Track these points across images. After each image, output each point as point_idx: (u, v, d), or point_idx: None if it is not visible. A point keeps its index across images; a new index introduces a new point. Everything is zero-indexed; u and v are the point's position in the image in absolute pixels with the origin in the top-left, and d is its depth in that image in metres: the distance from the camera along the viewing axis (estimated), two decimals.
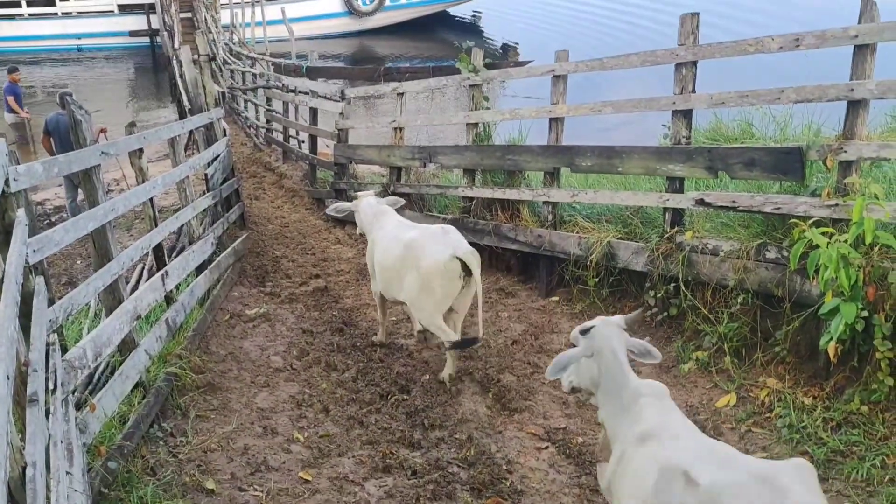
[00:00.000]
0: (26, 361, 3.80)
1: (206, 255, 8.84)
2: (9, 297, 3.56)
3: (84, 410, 5.09)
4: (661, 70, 7.38)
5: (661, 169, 7.10)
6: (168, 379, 6.51)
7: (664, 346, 6.94)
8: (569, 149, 8.09)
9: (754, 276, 6.33)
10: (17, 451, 3.03)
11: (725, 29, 19.36)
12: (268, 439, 6.06)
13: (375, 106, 19.62)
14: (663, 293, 7.02)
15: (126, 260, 6.31)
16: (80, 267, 10.94)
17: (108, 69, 29.28)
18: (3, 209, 4.60)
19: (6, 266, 3.93)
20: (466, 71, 9.50)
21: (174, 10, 26.78)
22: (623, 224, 7.70)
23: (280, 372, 7.20)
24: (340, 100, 12.59)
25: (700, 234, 6.88)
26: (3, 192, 4.54)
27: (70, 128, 6.39)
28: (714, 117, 8.63)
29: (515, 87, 19.93)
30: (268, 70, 18.58)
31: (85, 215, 5.74)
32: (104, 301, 6.35)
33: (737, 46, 6.46)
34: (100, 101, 21.52)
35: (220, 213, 10.38)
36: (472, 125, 9.52)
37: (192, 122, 10.43)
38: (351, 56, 29.25)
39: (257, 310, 8.55)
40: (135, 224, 12.10)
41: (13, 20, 29.19)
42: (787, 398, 5.80)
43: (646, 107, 7.39)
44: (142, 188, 7.12)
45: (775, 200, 6.22)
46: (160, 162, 15.23)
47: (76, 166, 5.80)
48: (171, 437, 5.97)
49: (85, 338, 5.36)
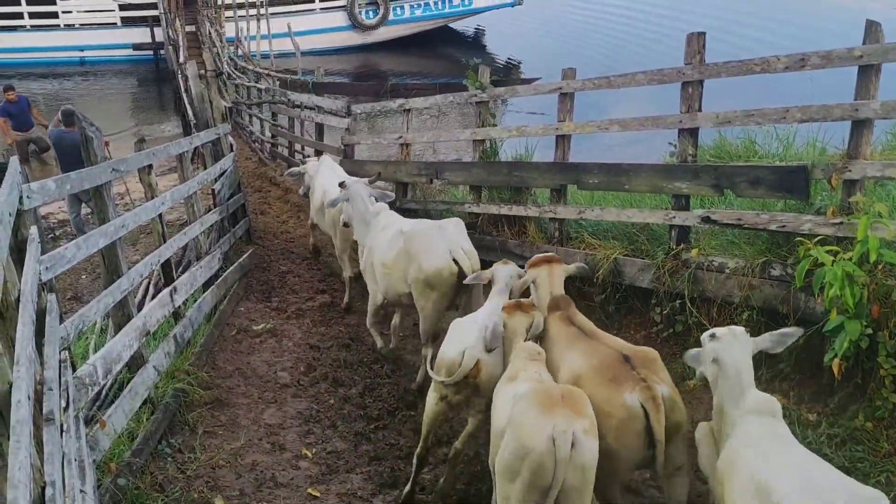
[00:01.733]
0: (41, 380, 3.83)
1: (214, 271, 8.88)
2: (26, 315, 3.59)
3: (94, 427, 5.12)
4: (667, 87, 7.43)
5: (668, 186, 7.14)
6: (176, 395, 6.55)
7: (670, 363, 6.95)
8: (575, 166, 8.14)
9: (759, 294, 6.35)
10: (38, 471, 3.06)
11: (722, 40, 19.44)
12: (276, 455, 6.09)
13: (381, 122, 19.70)
14: (669, 310, 7.04)
15: (135, 276, 6.36)
16: (85, 282, 10.99)
17: (111, 82, 29.37)
18: (16, 227, 4.64)
19: (21, 285, 3.97)
20: (473, 88, 9.56)
21: (178, 23, 26.90)
22: (629, 241, 7.73)
23: (287, 388, 7.24)
24: (346, 115, 12.65)
25: (706, 251, 6.91)
26: (18, 210, 4.58)
27: (81, 144, 6.44)
28: (718, 135, 8.67)
29: (521, 103, 20.00)
30: (273, 85, 18.66)
31: (96, 232, 5.78)
32: (113, 317, 6.39)
33: (743, 66, 6.51)
34: (102, 115, 21.57)
35: (226, 228, 10.44)
36: (479, 142, 9.57)
37: (200, 138, 10.49)
38: (356, 71, 29.36)
39: (264, 325, 8.59)
40: (140, 239, 12.15)
41: (15, 31, 29.27)
42: (791, 414, 5.81)
43: (652, 125, 7.44)
44: (151, 204, 7.18)
45: (780, 218, 6.25)
46: (164, 176, 15.28)
47: (88, 183, 5.85)
48: (180, 453, 6.00)
49: (95, 355, 5.39)
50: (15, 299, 3.84)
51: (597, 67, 20.38)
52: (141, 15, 29.64)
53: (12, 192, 4.32)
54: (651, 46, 26.40)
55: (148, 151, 7.59)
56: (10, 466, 2.48)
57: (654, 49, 25.18)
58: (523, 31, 33.11)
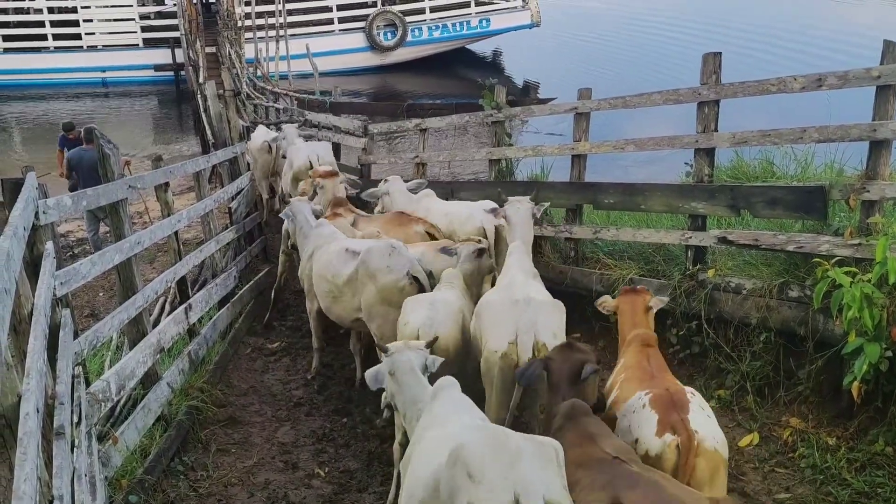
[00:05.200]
0: (53, 394, 3.83)
1: (229, 289, 8.90)
2: (38, 329, 3.60)
3: (106, 443, 5.12)
4: (683, 107, 7.41)
5: (684, 206, 7.11)
6: (189, 412, 6.55)
7: (686, 384, 6.89)
8: (591, 185, 8.12)
9: (777, 315, 6.30)
10: (45, 485, 3.05)
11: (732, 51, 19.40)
12: (289, 474, 6.07)
13: (398, 142, 19.76)
14: (685, 331, 6.99)
15: (150, 293, 6.37)
16: (102, 299, 11.03)
17: (132, 103, 29.65)
18: (32, 242, 4.66)
19: (35, 299, 3.98)
20: (489, 107, 9.58)
21: (199, 45, 27.15)
22: (645, 261, 7.70)
23: (301, 406, 7.22)
24: (363, 135, 12.69)
25: (722, 271, 6.87)
26: (34, 225, 4.60)
27: (98, 161, 6.49)
28: (735, 155, 8.64)
29: (537, 123, 20.02)
30: (291, 105, 18.77)
31: (111, 248, 5.81)
32: (128, 333, 6.40)
33: (759, 86, 6.49)
34: (123, 134, 21.77)
35: (242, 246, 10.47)
36: (495, 161, 9.57)
37: (217, 157, 10.55)
38: (373, 92, 29.50)
39: (279, 343, 8.58)
40: (157, 257, 12.20)
41: (39, 53, 29.63)
42: (810, 438, 5.75)
43: (668, 145, 7.42)
44: (167, 221, 7.20)
45: (798, 239, 6.20)
46: (182, 195, 15.36)
47: (104, 199, 5.89)
48: (192, 470, 5.99)
49: (109, 370, 5.40)
50: (28, 313, 3.85)
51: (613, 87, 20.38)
52: (162, 36, 29.93)
53: (28, 207, 4.34)
54: (667, 66, 26.39)
55: (165, 169, 7.63)
56: (16, 478, 2.47)
57: (669, 69, 25.16)
58: (540, 53, 33.19)
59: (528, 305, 5.43)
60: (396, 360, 4.63)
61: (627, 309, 5.49)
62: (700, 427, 4.13)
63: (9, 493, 2.56)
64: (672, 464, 4.06)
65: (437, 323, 5.72)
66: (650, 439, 4.18)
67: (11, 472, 2.68)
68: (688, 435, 4.06)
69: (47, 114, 27.64)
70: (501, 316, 5.45)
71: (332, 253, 7.05)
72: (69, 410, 3.78)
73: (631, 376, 4.89)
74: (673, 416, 4.17)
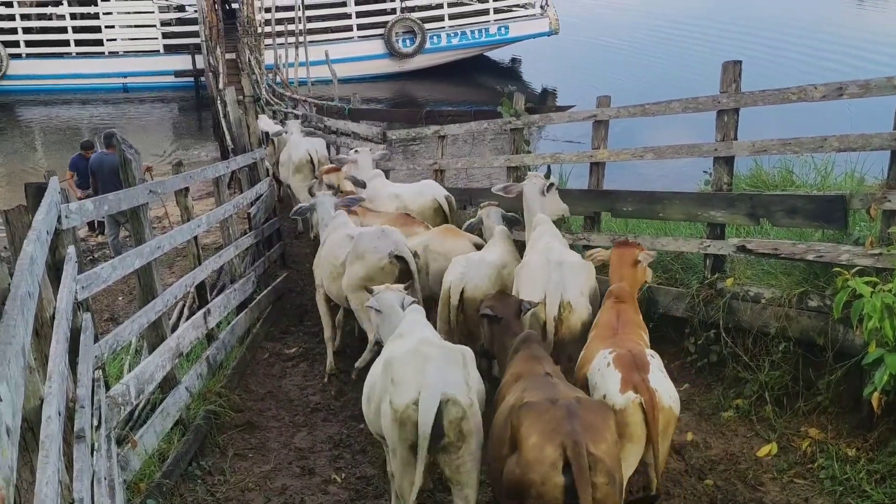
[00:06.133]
0: (73, 398, 3.86)
1: (248, 294, 8.94)
2: (60, 333, 3.63)
3: (125, 447, 5.15)
4: (702, 115, 7.40)
5: (703, 215, 7.09)
6: (207, 417, 6.58)
7: (704, 394, 6.88)
8: (610, 193, 8.11)
9: (796, 325, 6.26)
10: (66, 489, 3.08)
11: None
12: (305, 480, 6.08)
13: (416, 148, 19.80)
14: (703, 340, 6.96)
15: (170, 297, 6.42)
16: (121, 304, 11.10)
17: (152, 108, 29.85)
18: (54, 245, 4.71)
19: (57, 303, 4.02)
20: (508, 115, 9.59)
21: (219, 51, 27.30)
22: (663, 269, 7.67)
23: (318, 412, 7.24)
24: (382, 142, 12.72)
25: (741, 280, 6.83)
26: (56, 230, 4.65)
27: (119, 166, 6.54)
28: (755, 163, 8.60)
29: (555, 131, 20.01)
30: (310, 111, 18.84)
31: (132, 253, 5.85)
32: (147, 338, 6.45)
33: (779, 94, 6.46)
34: (143, 139, 21.91)
35: (261, 251, 10.52)
36: (513, 168, 9.58)
37: (237, 162, 10.61)
38: (392, 98, 29.55)
39: (296, 349, 8.61)
40: (176, 261, 12.27)
41: (61, 58, 29.87)
42: (829, 449, 5.71)
43: (687, 153, 7.40)
44: (187, 226, 7.25)
45: (818, 248, 6.16)
46: (201, 200, 15.45)
47: (125, 204, 5.93)
48: (210, 475, 6.02)
49: (128, 374, 5.44)
50: (50, 317, 3.89)
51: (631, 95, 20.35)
52: (183, 43, 30.11)
53: (50, 212, 4.39)
54: (686, 74, 26.32)
55: (185, 174, 7.68)
56: (38, 481, 2.49)
57: (688, 77, 25.10)
58: (558, 60, 33.16)
59: (559, 266, 6.03)
60: (381, 298, 5.60)
61: (615, 261, 5.89)
62: (658, 386, 4.62)
63: (30, 495, 2.59)
64: (636, 419, 4.53)
65: (467, 279, 6.51)
66: (615, 395, 4.61)
67: (33, 474, 2.70)
68: (650, 394, 4.54)
69: (69, 119, 27.87)
70: (535, 276, 6.07)
71: (336, 238, 7.61)
72: (89, 414, 3.81)
73: (597, 334, 5.38)
74: (634, 375, 4.64)
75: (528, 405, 4.15)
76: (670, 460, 5.97)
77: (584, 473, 3.81)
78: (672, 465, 5.98)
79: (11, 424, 2.04)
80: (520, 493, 3.99)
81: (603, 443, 3.97)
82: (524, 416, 4.10)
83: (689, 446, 6.19)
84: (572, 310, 5.96)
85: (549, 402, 4.15)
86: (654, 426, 4.51)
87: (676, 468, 5.95)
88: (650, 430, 4.52)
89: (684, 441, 6.24)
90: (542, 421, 4.03)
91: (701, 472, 5.90)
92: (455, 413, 4.45)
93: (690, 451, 6.14)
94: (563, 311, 5.90)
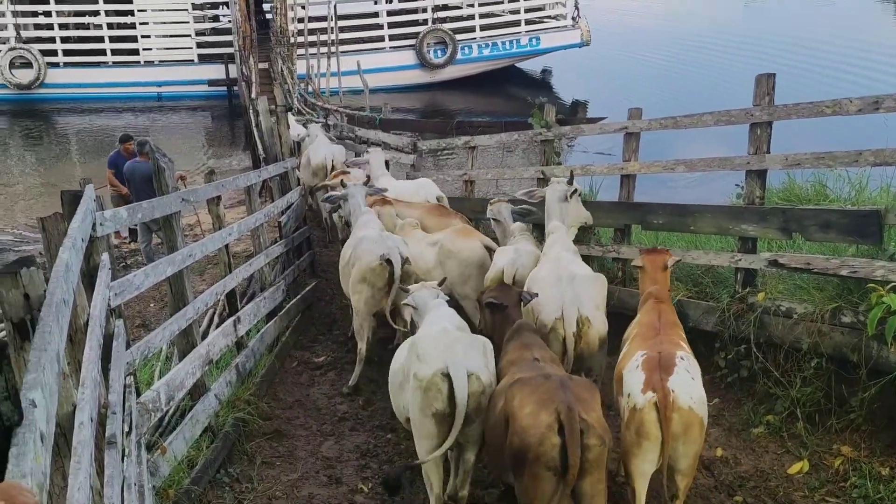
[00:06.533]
0: (105, 403, 3.90)
1: (277, 302, 8.98)
2: (93, 339, 3.67)
3: (155, 453, 5.19)
4: (733, 126, 7.35)
5: (734, 229, 7.04)
6: (236, 424, 6.61)
7: (734, 409, 6.82)
8: (640, 206, 8.08)
9: (829, 340, 6.18)
10: (97, 494, 3.11)
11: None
12: (332, 489, 6.09)
13: (446, 159, 19.84)
14: (734, 354, 6.90)
15: (201, 305, 6.47)
16: (153, 310, 11.19)
17: (185, 117, 30.13)
18: (88, 252, 4.76)
19: (91, 309, 4.06)
20: (538, 126, 9.59)
21: (252, 61, 27.51)
22: (693, 283, 7.62)
23: (345, 420, 7.25)
24: (412, 152, 12.77)
25: (773, 295, 6.77)
26: (90, 237, 4.70)
27: (153, 174, 6.62)
28: (787, 177, 8.54)
29: (586, 142, 19.96)
30: (341, 121, 18.95)
31: (164, 260, 5.90)
32: (178, 345, 6.50)
33: (814, 108, 6.41)
34: (176, 148, 22.13)
35: (291, 260, 10.57)
36: (543, 180, 9.56)
37: (269, 171, 10.68)
38: (423, 109, 29.62)
39: (324, 357, 8.64)
40: (207, 269, 12.35)
41: (98, 67, 30.26)
42: (862, 467, 5.63)
43: (719, 166, 7.36)
44: (218, 235, 7.30)
45: (852, 264, 6.09)
46: (232, 208, 15.56)
47: (158, 212, 6.00)
48: (237, 482, 6.04)
49: (159, 381, 5.49)
50: (84, 323, 3.93)
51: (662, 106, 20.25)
52: (217, 52, 30.39)
53: (86, 219, 4.44)
54: (718, 86, 26.16)
55: (217, 183, 7.75)
56: (70, 487, 2.52)
57: (721, 88, 24.95)
58: (589, 71, 33.07)
59: (571, 281, 6.18)
60: (417, 296, 6.13)
61: (648, 266, 6.15)
62: (677, 387, 4.74)
63: (62, 500, 2.61)
64: (651, 417, 4.72)
65: (518, 264, 7.08)
66: (637, 395, 4.84)
67: (65, 479, 2.73)
68: (664, 394, 4.69)
69: (105, 127, 28.20)
70: (549, 291, 6.17)
71: (350, 240, 8.19)
72: (121, 420, 3.85)
73: (638, 334, 5.56)
74: (655, 376, 4.82)
75: (520, 381, 4.68)
76: (699, 476, 5.92)
77: (575, 435, 4.21)
78: (701, 481, 5.92)
79: (45, 430, 2.07)
80: (521, 459, 4.38)
81: (593, 412, 4.42)
82: (517, 391, 4.59)
83: (718, 462, 6.14)
84: (590, 325, 6.10)
85: (543, 377, 4.65)
86: (667, 425, 4.64)
87: (706, 484, 5.90)
88: (664, 430, 4.66)
89: (714, 457, 6.19)
90: (537, 392, 4.49)
91: (730, 488, 5.84)
92: (477, 386, 4.97)
93: (720, 466, 6.09)
94: (582, 327, 6.04)
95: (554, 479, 4.29)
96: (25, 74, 29.02)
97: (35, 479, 1.86)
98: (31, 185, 21.60)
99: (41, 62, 29.06)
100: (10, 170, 23.45)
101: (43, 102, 29.64)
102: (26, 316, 2.76)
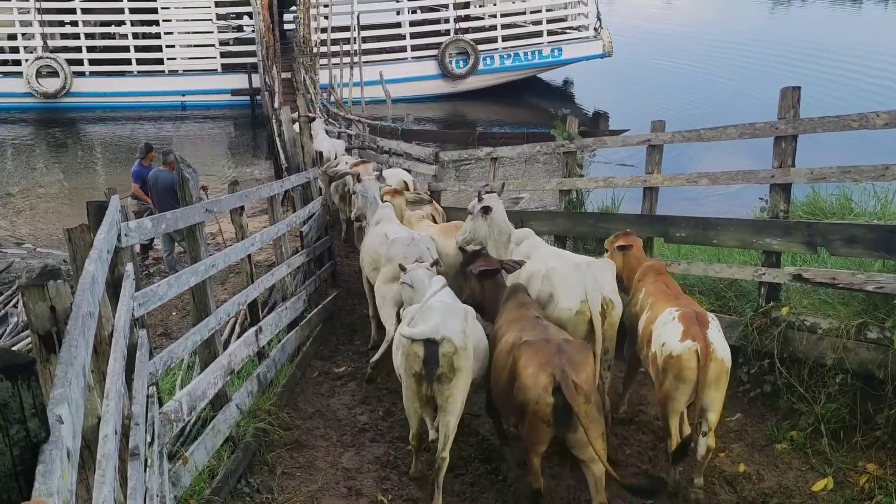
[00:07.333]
0: (128, 414, 3.92)
1: (298, 312, 9.00)
2: (117, 351, 3.69)
3: (176, 463, 5.21)
4: (757, 139, 7.31)
5: (758, 242, 6.99)
6: (257, 434, 6.62)
7: (757, 424, 6.76)
8: (663, 218, 8.04)
9: (854, 356, 6.12)
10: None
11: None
12: (352, 500, 6.08)
13: (468, 169, 19.85)
14: (757, 369, 6.84)
15: (223, 315, 6.49)
16: (175, 318, 11.25)
17: (208, 126, 30.34)
18: (113, 263, 4.79)
19: (115, 320, 4.08)
20: (561, 138, 9.57)
21: (275, 70, 27.68)
22: (716, 296, 7.58)
23: (366, 432, 7.24)
24: (434, 162, 12.78)
25: (797, 310, 6.72)
26: (115, 248, 4.73)
27: (177, 185, 6.65)
28: (812, 190, 8.48)
29: (608, 154, 19.92)
30: (363, 131, 19.01)
31: (187, 271, 5.93)
32: (200, 354, 6.52)
33: (839, 122, 6.36)
34: (199, 157, 22.27)
35: (312, 270, 10.59)
36: (566, 192, 9.55)
37: (291, 181, 10.72)
38: (444, 119, 29.69)
39: (345, 368, 8.64)
40: (229, 278, 12.40)
41: (123, 76, 30.58)
42: (888, 485, 5.56)
43: (743, 179, 7.32)
44: (241, 245, 7.32)
45: (878, 279, 6.04)
46: (254, 217, 15.62)
47: (182, 223, 6.02)
48: (258, 493, 6.04)
49: (181, 391, 5.51)
50: (108, 334, 3.95)
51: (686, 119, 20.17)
52: (240, 62, 30.61)
53: (111, 230, 4.47)
54: (742, 98, 26.04)
55: (240, 193, 7.77)
56: (94, 500, 2.53)
57: (745, 101, 24.82)
58: (612, 82, 33.02)
59: (589, 267, 6.49)
60: (413, 275, 6.72)
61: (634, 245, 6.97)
62: (715, 340, 5.41)
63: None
64: (691, 364, 5.37)
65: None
66: (674, 343, 5.47)
67: (88, 492, 2.74)
68: (706, 343, 5.34)
69: (129, 136, 28.44)
70: (570, 278, 6.44)
71: (378, 233, 8.49)
72: (144, 431, 3.87)
73: (659, 298, 6.12)
74: (694, 328, 5.45)
75: (527, 343, 5.37)
76: (721, 492, 5.89)
77: (571, 392, 4.92)
78: (724, 496, 5.88)
79: (71, 447, 2.08)
80: (521, 410, 5.25)
81: (583, 373, 5.10)
82: (523, 352, 5.32)
83: (741, 478, 6.08)
84: (613, 306, 6.45)
85: (545, 341, 5.32)
86: (704, 371, 5.30)
87: (728, 500, 5.85)
88: (700, 375, 5.32)
89: (737, 472, 6.13)
90: (539, 355, 5.20)
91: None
92: (448, 349, 5.46)
93: (743, 483, 6.03)
94: (607, 308, 6.37)
95: (547, 429, 5.12)
96: (52, 83, 29.38)
97: (62, 497, 1.87)
98: (55, 193, 21.82)
99: (67, 71, 29.40)
100: (37, 177, 23.68)
101: (69, 111, 29.99)
102: (52, 328, 2.78)
